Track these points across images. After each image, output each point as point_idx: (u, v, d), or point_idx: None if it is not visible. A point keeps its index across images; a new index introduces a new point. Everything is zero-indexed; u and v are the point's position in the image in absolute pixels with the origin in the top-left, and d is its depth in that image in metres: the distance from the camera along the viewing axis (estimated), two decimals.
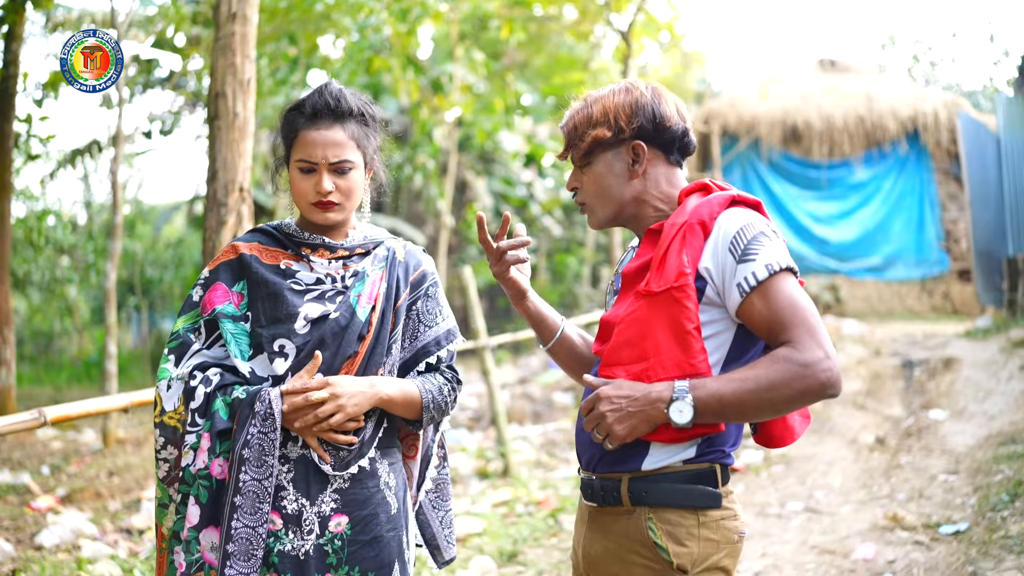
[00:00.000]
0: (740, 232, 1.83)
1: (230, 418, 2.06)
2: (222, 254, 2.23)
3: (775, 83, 15.40)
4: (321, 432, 2.06)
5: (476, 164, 17.61)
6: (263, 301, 2.14)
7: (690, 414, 1.77)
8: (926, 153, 14.30)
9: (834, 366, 1.73)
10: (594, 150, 1.98)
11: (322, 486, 2.10)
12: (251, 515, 2.00)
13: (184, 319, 2.18)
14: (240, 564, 1.98)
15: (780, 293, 1.79)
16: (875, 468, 6.48)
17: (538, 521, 5.59)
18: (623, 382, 1.84)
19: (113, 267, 8.27)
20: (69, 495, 6.39)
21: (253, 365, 2.13)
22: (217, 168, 3.83)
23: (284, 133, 2.19)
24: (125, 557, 4.84)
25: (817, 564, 4.63)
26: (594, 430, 1.86)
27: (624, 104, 1.96)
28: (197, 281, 2.23)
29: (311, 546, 2.06)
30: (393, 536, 2.17)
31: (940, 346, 9.98)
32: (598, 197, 2.01)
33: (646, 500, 1.87)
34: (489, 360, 7.05)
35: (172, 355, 2.14)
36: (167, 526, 2.11)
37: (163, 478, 2.11)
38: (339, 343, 2.12)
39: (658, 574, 1.86)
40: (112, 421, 8.24)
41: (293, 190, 2.18)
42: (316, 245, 2.23)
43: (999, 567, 4.24)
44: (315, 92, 2.17)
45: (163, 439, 2.09)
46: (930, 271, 14.25)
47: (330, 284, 2.19)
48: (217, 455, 2.05)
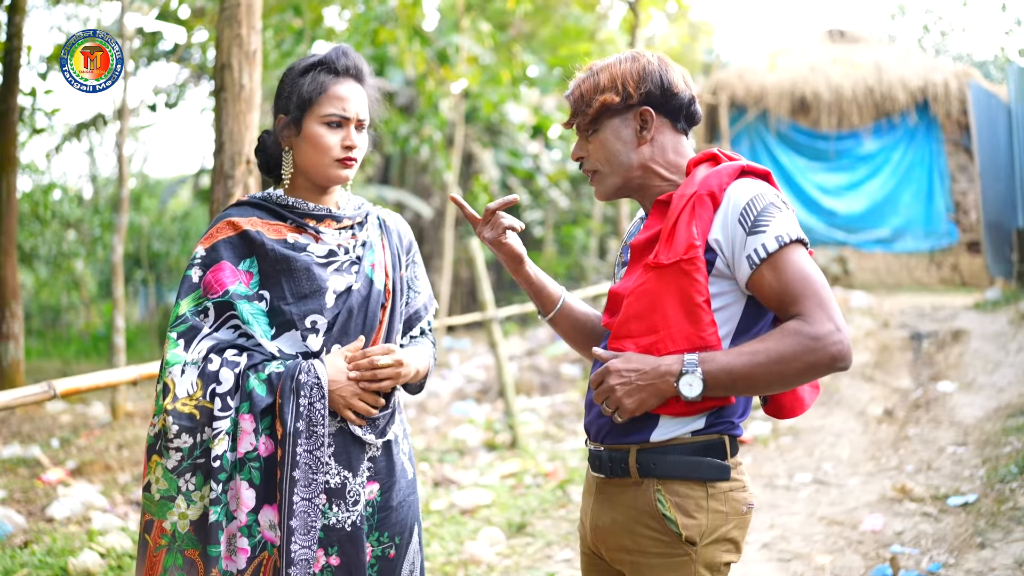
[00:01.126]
0: (750, 203, 1.81)
1: (269, 394, 2.02)
2: (216, 230, 2.12)
3: (783, 54, 15.25)
4: (365, 396, 2.08)
5: (483, 136, 17.54)
6: (287, 278, 2.09)
7: (700, 387, 1.76)
8: (935, 124, 14.18)
9: (845, 339, 1.72)
10: (601, 116, 1.96)
11: (361, 456, 2.12)
12: (307, 487, 1.99)
13: (188, 301, 2.08)
14: (302, 538, 1.98)
15: (791, 265, 1.77)
16: (883, 440, 6.47)
17: (546, 493, 5.61)
18: (632, 355, 1.83)
19: (120, 241, 8.25)
20: (79, 468, 6.42)
21: (280, 344, 2.09)
22: (223, 140, 3.79)
23: (307, 89, 2.12)
24: (135, 529, 4.87)
25: (825, 535, 4.63)
26: (603, 403, 1.85)
27: (632, 71, 1.94)
28: (192, 261, 2.11)
29: (357, 516, 2.09)
30: (413, 500, 2.24)
31: (949, 318, 9.95)
32: (606, 164, 1.99)
33: (654, 472, 1.87)
34: (497, 332, 7.05)
35: (181, 339, 2.04)
36: (170, 520, 2.02)
37: (172, 468, 2.01)
38: (364, 314, 2.14)
39: (666, 546, 1.86)
40: (121, 394, 8.26)
41: (312, 147, 2.12)
42: (322, 216, 2.18)
43: (1008, 538, 4.25)
44: (338, 52, 2.17)
45: (177, 427, 1.97)
46: (939, 243, 14.17)
47: (343, 255, 2.16)
48: (260, 433, 2.02)
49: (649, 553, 1.87)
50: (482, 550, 4.51)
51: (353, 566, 2.07)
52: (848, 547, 4.46)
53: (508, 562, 4.51)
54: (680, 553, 1.85)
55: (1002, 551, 4.11)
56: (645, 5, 10.16)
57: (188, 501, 2.01)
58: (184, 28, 10.55)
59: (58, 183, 16.95)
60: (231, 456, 2.00)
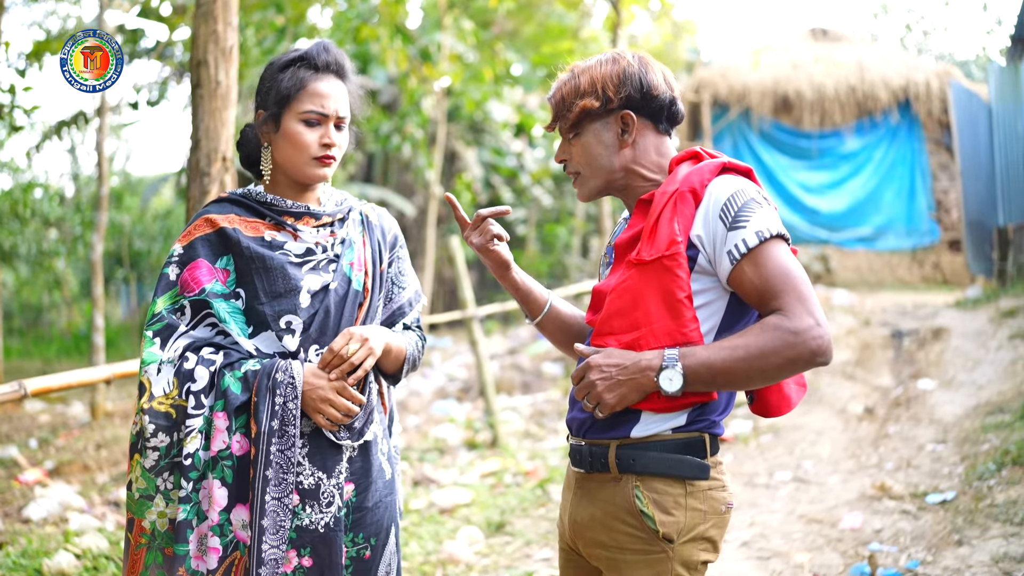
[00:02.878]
0: (731, 199, 1.81)
1: (244, 392, 2.01)
2: (193, 227, 2.11)
3: (766, 52, 15.29)
4: (344, 392, 2.04)
5: (465, 134, 17.49)
6: (261, 277, 2.07)
7: (680, 382, 1.76)
8: (917, 123, 14.24)
9: (825, 334, 1.72)
10: (582, 121, 1.96)
11: (337, 458, 2.10)
12: (277, 487, 1.99)
13: (164, 299, 2.07)
14: (272, 538, 1.97)
15: (771, 260, 1.77)
16: (863, 438, 6.49)
17: (526, 491, 5.60)
18: (613, 351, 1.83)
19: (99, 239, 8.20)
20: (57, 468, 6.37)
21: (257, 343, 2.08)
22: (200, 137, 3.76)
23: (286, 85, 2.10)
24: (113, 530, 4.83)
25: (805, 533, 4.64)
26: (584, 399, 1.84)
27: (611, 74, 1.93)
28: (169, 258, 2.09)
29: (331, 518, 2.07)
30: (390, 501, 2.22)
31: (930, 316, 9.99)
32: (588, 168, 1.99)
33: (633, 468, 1.86)
34: (477, 330, 7.04)
35: (157, 338, 2.04)
36: (149, 519, 2.01)
37: (150, 468, 2.00)
38: (341, 313, 2.12)
39: (643, 542, 1.85)
40: (100, 394, 8.21)
41: (290, 144, 2.10)
42: (300, 213, 2.16)
43: (985, 535, 4.27)
44: (319, 48, 2.14)
45: (154, 426, 1.98)
46: (920, 241, 14.23)
47: (321, 253, 2.14)
48: (234, 432, 2.01)
49: (626, 549, 1.87)
50: (461, 549, 4.49)
51: (326, 567, 2.06)
52: (827, 545, 4.46)
53: (487, 561, 4.49)
54: (657, 550, 1.84)
55: (979, 548, 4.13)
56: (627, 3, 10.15)
57: (167, 500, 2.01)
58: (165, 25, 10.48)
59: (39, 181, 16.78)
60: (203, 455, 1.99)
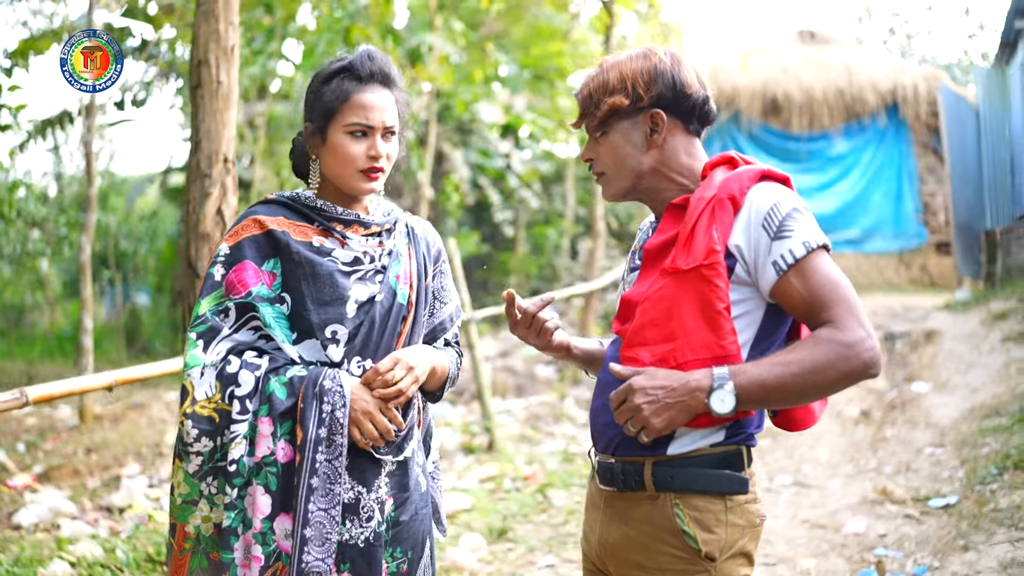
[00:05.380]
0: (774, 208, 1.75)
1: (289, 397, 1.96)
2: (242, 227, 2.06)
3: (755, 54, 15.31)
4: (386, 411, 2.01)
5: (453, 135, 17.43)
6: (309, 283, 2.02)
7: (732, 403, 1.68)
8: (905, 126, 14.29)
9: (876, 345, 1.67)
10: (610, 119, 1.89)
11: (376, 472, 2.06)
12: (324, 497, 1.94)
13: (208, 300, 2.01)
14: (316, 550, 1.92)
15: (818, 271, 1.71)
16: (861, 441, 6.48)
17: (526, 497, 5.55)
18: (656, 371, 1.74)
19: (88, 240, 8.09)
20: (46, 473, 6.27)
21: (300, 350, 2.03)
22: (200, 138, 3.70)
23: (330, 97, 2.05)
24: (106, 536, 4.75)
25: (808, 538, 4.62)
26: (627, 423, 1.75)
27: (642, 70, 1.86)
28: (216, 258, 2.05)
29: (371, 533, 2.03)
30: (425, 514, 2.19)
31: (921, 319, 10.01)
32: (614, 168, 1.92)
33: (672, 485, 1.80)
34: (474, 333, 6.99)
35: (200, 340, 1.99)
36: (193, 524, 1.99)
37: (193, 472, 1.97)
38: (385, 326, 2.08)
39: (684, 562, 1.79)
40: (89, 397, 8.08)
41: (336, 158, 2.05)
42: (350, 221, 2.11)
43: (990, 540, 4.24)
44: (364, 56, 2.08)
45: (197, 430, 1.94)
46: (908, 244, 14.28)
47: (368, 263, 2.09)
48: (279, 438, 1.96)
49: (666, 570, 1.81)
50: (464, 556, 4.44)
51: None
52: (832, 550, 4.44)
53: (490, 568, 4.44)
54: (699, 570, 1.78)
55: (986, 553, 4.10)
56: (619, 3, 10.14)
57: (211, 504, 1.98)
58: (152, 25, 10.38)
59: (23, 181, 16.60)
60: (248, 461, 1.95)
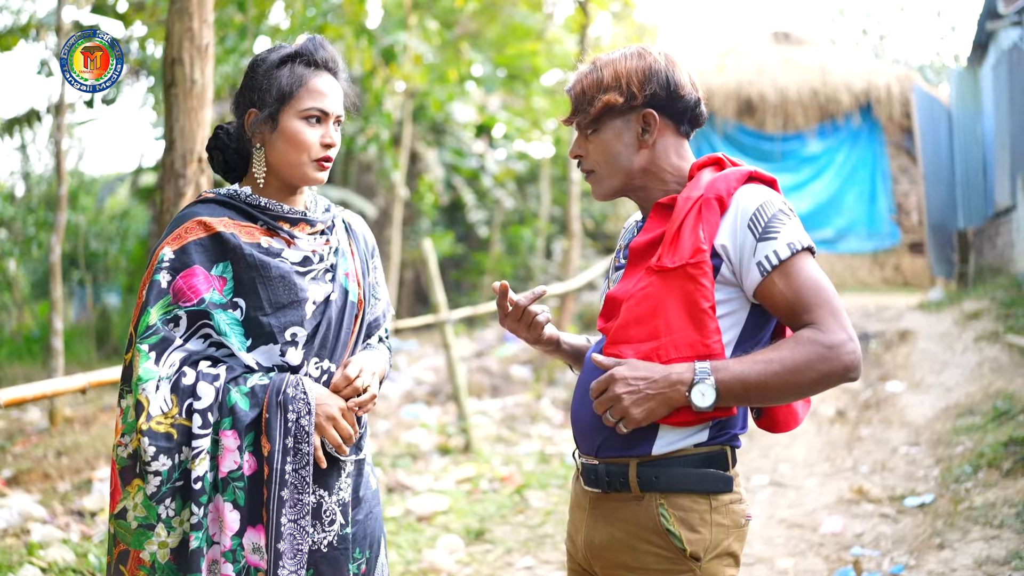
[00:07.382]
0: (760, 209, 1.76)
1: (253, 408, 1.88)
2: (184, 230, 1.93)
3: (730, 55, 15.37)
4: (347, 415, 1.99)
5: (427, 135, 17.37)
6: (265, 287, 1.93)
7: (712, 397, 1.68)
8: (878, 126, 14.38)
9: (857, 349, 1.68)
10: (603, 116, 1.87)
11: (337, 474, 2.02)
12: (294, 508, 1.87)
13: (157, 308, 1.88)
14: (290, 563, 1.86)
15: (802, 273, 1.72)
16: (837, 441, 6.51)
17: (504, 498, 5.52)
18: (638, 363, 1.74)
19: (58, 241, 7.98)
20: (15, 477, 6.17)
21: (256, 356, 1.94)
22: (175, 137, 3.65)
23: (286, 81, 1.97)
24: (78, 541, 4.67)
25: (786, 538, 4.62)
26: (606, 412, 1.75)
27: (637, 69, 1.85)
28: (160, 264, 1.91)
29: (335, 536, 1.99)
30: (378, 511, 2.16)
31: (895, 318, 10.06)
32: (605, 166, 1.91)
33: (656, 485, 1.79)
34: (449, 334, 6.95)
35: (152, 352, 1.86)
36: (149, 551, 1.84)
37: (152, 494, 1.83)
38: (341, 325, 2.03)
39: (669, 562, 1.79)
40: (59, 399, 7.97)
41: (289, 144, 1.97)
42: (297, 219, 2.04)
43: (966, 538, 4.27)
44: (315, 44, 2.02)
45: (155, 448, 1.81)
46: (881, 244, 14.37)
47: (318, 262, 2.02)
48: (244, 450, 1.88)
49: (651, 570, 1.80)
50: (441, 558, 4.41)
51: None
52: (809, 550, 4.45)
53: (468, 570, 4.41)
54: (684, 569, 1.78)
55: (961, 551, 4.13)
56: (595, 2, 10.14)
57: (168, 528, 1.85)
58: (122, 23, 10.26)
59: None
60: (210, 476, 1.86)
